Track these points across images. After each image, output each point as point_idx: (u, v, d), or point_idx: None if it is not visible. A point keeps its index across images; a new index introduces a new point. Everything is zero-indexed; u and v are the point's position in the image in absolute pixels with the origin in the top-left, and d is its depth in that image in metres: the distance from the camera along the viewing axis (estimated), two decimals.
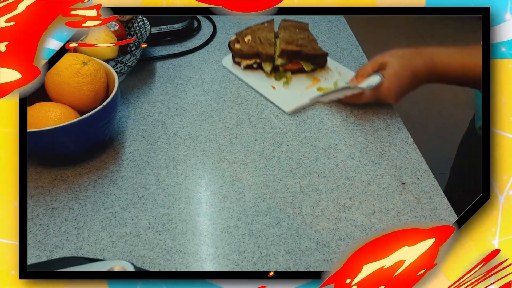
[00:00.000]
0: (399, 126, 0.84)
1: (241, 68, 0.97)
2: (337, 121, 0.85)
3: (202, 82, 0.95)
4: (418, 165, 0.76)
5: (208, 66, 1.00)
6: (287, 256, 0.62)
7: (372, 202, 0.70)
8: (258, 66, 0.95)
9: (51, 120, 0.69)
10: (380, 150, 0.79)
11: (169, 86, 0.93)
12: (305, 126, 0.84)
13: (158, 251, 0.63)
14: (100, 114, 0.70)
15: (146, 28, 0.96)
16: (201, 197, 0.71)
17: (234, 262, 0.62)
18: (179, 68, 0.99)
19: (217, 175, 0.74)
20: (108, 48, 0.87)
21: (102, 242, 0.64)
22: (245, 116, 0.86)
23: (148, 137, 0.81)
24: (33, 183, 0.72)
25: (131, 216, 0.67)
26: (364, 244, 0.45)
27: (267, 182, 0.73)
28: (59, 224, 0.66)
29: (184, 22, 1.06)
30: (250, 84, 0.93)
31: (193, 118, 0.85)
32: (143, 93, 0.91)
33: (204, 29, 1.12)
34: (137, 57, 0.91)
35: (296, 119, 0.85)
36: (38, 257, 0.62)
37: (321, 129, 0.83)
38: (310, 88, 0.92)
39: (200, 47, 1.05)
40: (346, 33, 1.13)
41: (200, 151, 0.78)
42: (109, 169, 0.75)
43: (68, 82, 0.72)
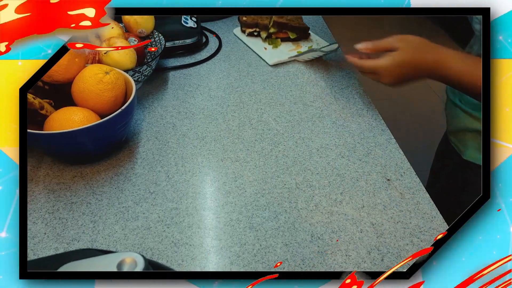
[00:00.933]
0: (382, 128, 0.75)
1: (245, 35, 1.06)
2: (328, 123, 0.76)
3: (209, 89, 0.86)
4: (401, 163, 0.67)
5: (214, 75, 0.91)
6: (285, 248, 0.54)
7: (361, 197, 0.61)
8: (257, 33, 1.05)
9: (75, 123, 0.62)
10: (366, 150, 0.70)
11: (180, 93, 0.85)
12: (299, 127, 0.75)
13: (166, 243, 0.54)
14: (118, 117, 0.63)
15: (161, 43, 0.89)
16: (206, 192, 0.62)
17: (236, 254, 0.53)
18: (189, 77, 0.90)
19: (221, 172, 0.66)
20: (128, 60, 0.80)
21: (115, 234, 0.55)
22: (246, 119, 0.78)
23: (160, 137, 0.73)
24: (55, 180, 0.63)
25: (143, 210, 0.59)
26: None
27: (266, 178, 0.64)
28: (76, 218, 0.58)
29: (194, 38, 0.99)
30: (250, 46, 1.02)
31: (200, 121, 0.77)
32: (156, 99, 0.83)
33: (211, 43, 1.04)
34: (152, 68, 0.84)
35: (291, 122, 0.77)
36: (56, 249, 0.53)
37: (314, 130, 0.75)
38: (292, 51, 1.00)
39: (207, 59, 0.97)
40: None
41: (206, 150, 0.70)
42: (124, 166, 0.66)
43: (91, 89, 0.66)
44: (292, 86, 0.88)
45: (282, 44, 1.02)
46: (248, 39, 1.05)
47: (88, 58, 0.79)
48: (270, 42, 1.02)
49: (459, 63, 0.63)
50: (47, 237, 0.55)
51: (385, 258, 0.53)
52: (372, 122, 0.77)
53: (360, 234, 0.56)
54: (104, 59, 0.78)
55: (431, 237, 0.56)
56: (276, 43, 1.02)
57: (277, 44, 1.02)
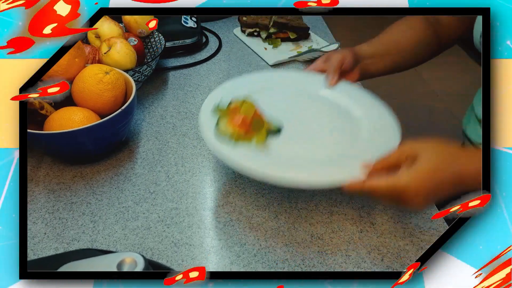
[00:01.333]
0: None
1: (245, 35, 1.06)
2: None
3: (209, 89, 0.86)
4: None
5: (214, 75, 0.91)
6: (285, 248, 0.54)
7: (361, 197, 0.61)
8: (257, 33, 1.05)
9: (75, 123, 0.62)
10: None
11: (180, 93, 0.85)
12: None
13: (167, 244, 0.54)
14: (118, 117, 0.63)
15: (161, 43, 0.89)
16: (206, 192, 0.62)
17: (236, 254, 0.53)
18: (189, 77, 0.90)
19: (221, 172, 0.66)
20: (128, 60, 0.79)
21: (115, 235, 0.55)
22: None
23: (160, 137, 0.72)
24: (55, 180, 0.63)
25: (143, 210, 0.59)
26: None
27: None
28: (76, 218, 0.58)
29: (194, 38, 0.99)
30: (250, 46, 1.02)
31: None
32: (157, 99, 0.83)
33: (211, 43, 1.04)
34: (152, 68, 0.84)
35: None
36: (56, 249, 0.53)
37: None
38: (292, 51, 1.00)
39: (207, 59, 0.97)
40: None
41: (206, 151, 0.70)
42: (124, 166, 0.66)
43: (91, 89, 0.66)
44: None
45: (282, 44, 1.02)
46: (248, 39, 1.05)
47: (88, 58, 0.79)
48: (270, 42, 1.03)
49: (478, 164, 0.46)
50: (47, 237, 0.55)
51: (385, 258, 0.53)
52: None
53: (360, 234, 0.56)
54: (104, 59, 0.78)
55: (431, 237, 0.56)
56: (276, 43, 1.02)
57: (277, 44, 1.02)
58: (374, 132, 0.59)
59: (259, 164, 0.51)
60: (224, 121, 0.57)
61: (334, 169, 0.51)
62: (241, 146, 0.54)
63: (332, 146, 0.57)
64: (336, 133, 0.60)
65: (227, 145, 0.53)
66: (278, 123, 0.59)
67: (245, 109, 0.57)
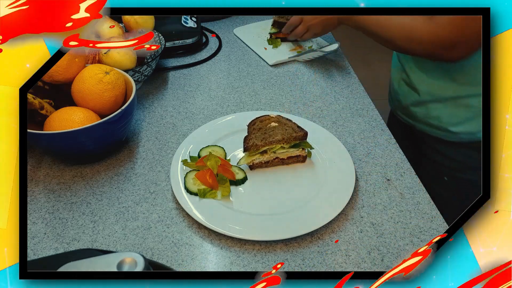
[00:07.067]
0: (382, 128, 0.75)
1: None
2: (328, 123, 0.76)
3: (209, 89, 0.86)
4: (401, 163, 0.67)
5: (214, 75, 0.91)
6: (285, 248, 0.54)
7: (361, 197, 0.61)
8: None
9: (75, 123, 0.62)
10: (366, 150, 0.70)
11: (180, 93, 0.85)
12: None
13: (166, 244, 0.54)
14: (118, 117, 0.63)
15: (161, 43, 0.89)
16: None
17: (236, 254, 0.53)
18: (189, 77, 0.90)
19: None
20: (128, 60, 0.80)
21: (115, 235, 0.55)
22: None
23: (160, 137, 0.72)
24: (55, 180, 0.63)
25: (143, 210, 0.59)
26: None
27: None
28: (77, 218, 0.58)
29: (194, 38, 0.99)
30: (250, 46, 1.02)
31: (200, 121, 0.77)
32: (157, 99, 0.83)
33: (211, 43, 1.04)
34: (152, 68, 0.84)
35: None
36: (56, 249, 0.53)
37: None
38: (292, 51, 1.00)
39: (207, 59, 0.97)
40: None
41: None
42: (124, 166, 0.66)
43: (91, 89, 0.66)
44: (292, 86, 0.88)
45: (282, 44, 1.02)
46: (248, 39, 1.05)
47: (88, 58, 0.79)
48: (270, 42, 1.03)
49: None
50: (47, 237, 0.55)
51: (385, 258, 0.53)
52: (372, 122, 0.77)
53: (360, 234, 0.56)
54: (104, 59, 0.78)
55: (431, 237, 0.56)
56: (276, 43, 1.02)
57: (277, 44, 1.02)
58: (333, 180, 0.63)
59: (220, 220, 0.55)
60: (191, 177, 0.61)
61: (291, 222, 0.56)
62: (206, 201, 0.58)
63: (295, 195, 0.61)
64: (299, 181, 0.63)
65: (193, 200, 0.58)
66: (242, 172, 0.63)
67: (211, 163, 0.61)
